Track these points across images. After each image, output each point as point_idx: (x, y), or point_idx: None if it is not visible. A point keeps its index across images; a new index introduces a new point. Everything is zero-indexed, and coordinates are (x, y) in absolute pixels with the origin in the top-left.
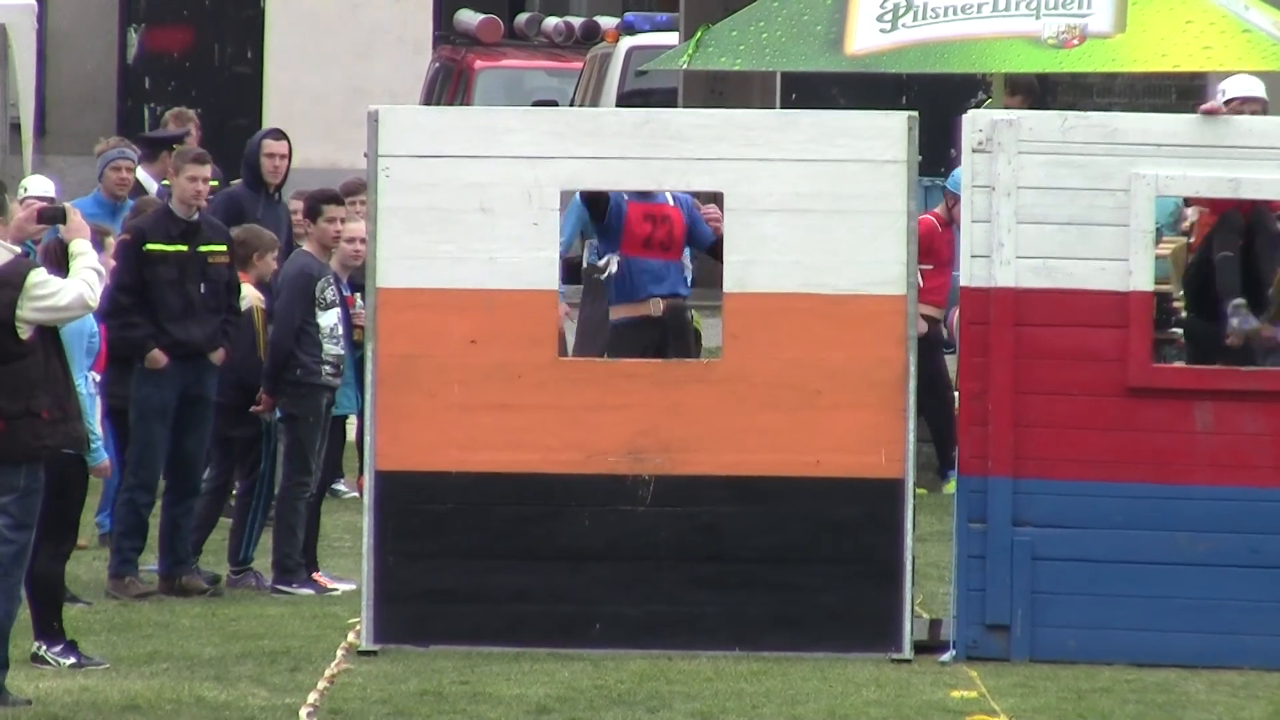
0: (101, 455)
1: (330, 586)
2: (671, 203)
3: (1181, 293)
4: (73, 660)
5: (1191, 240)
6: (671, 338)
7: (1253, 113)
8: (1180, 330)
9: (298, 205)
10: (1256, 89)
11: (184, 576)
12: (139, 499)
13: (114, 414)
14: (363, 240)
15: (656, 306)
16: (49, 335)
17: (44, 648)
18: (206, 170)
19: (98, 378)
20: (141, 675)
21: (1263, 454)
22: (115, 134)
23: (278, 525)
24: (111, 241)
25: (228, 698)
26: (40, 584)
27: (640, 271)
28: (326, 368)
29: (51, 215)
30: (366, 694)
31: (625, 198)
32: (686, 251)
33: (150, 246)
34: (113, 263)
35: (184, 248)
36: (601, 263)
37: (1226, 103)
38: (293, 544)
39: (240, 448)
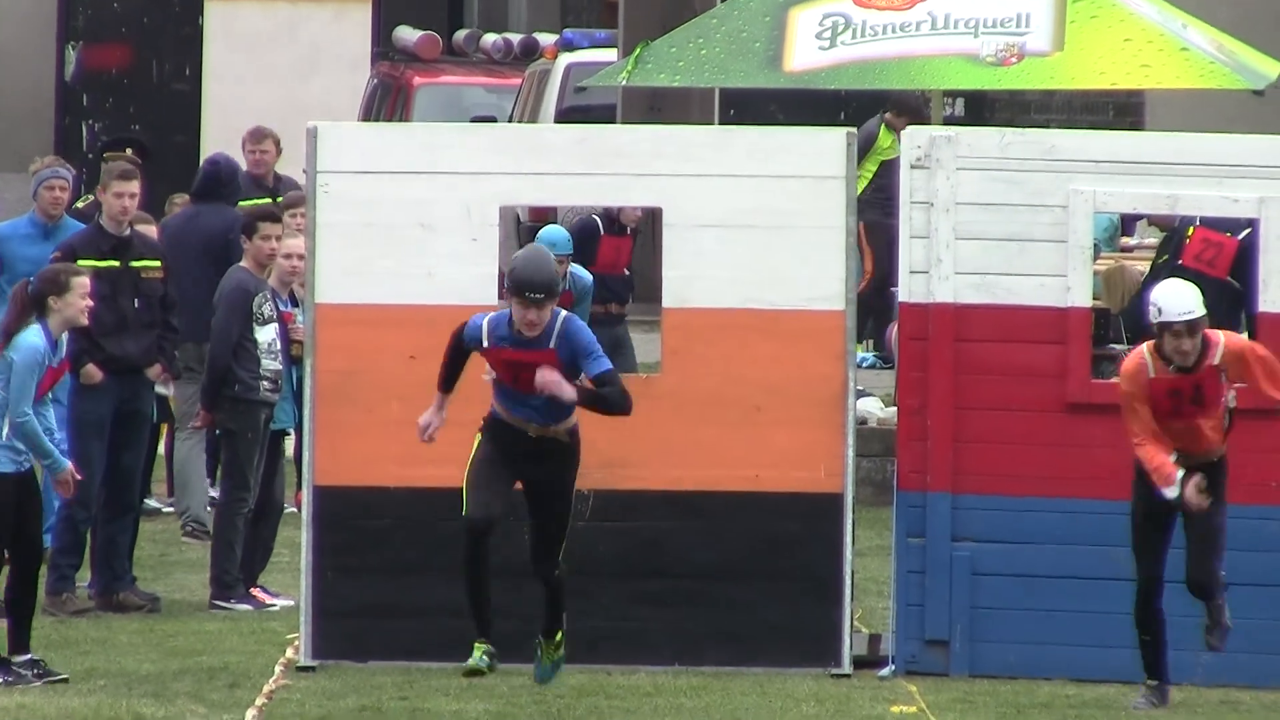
0: (63, 464)
1: (269, 602)
2: (551, 344)
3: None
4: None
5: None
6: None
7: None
8: (1119, 346)
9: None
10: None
11: (121, 593)
12: (76, 515)
13: None
14: (300, 256)
15: (533, 429)
16: None
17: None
18: (134, 186)
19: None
20: (79, 693)
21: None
22: (54, 152)
23: (215, 541)
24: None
25: (166, 714)
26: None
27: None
28: (265, 383)
29: None
30: (305, 710)
31: (485, 345)
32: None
33: (81, 262)
34: None
35: (116, 263)
36: (486, 376)
37: (1163, 324)
38: (231, 560)
39: None
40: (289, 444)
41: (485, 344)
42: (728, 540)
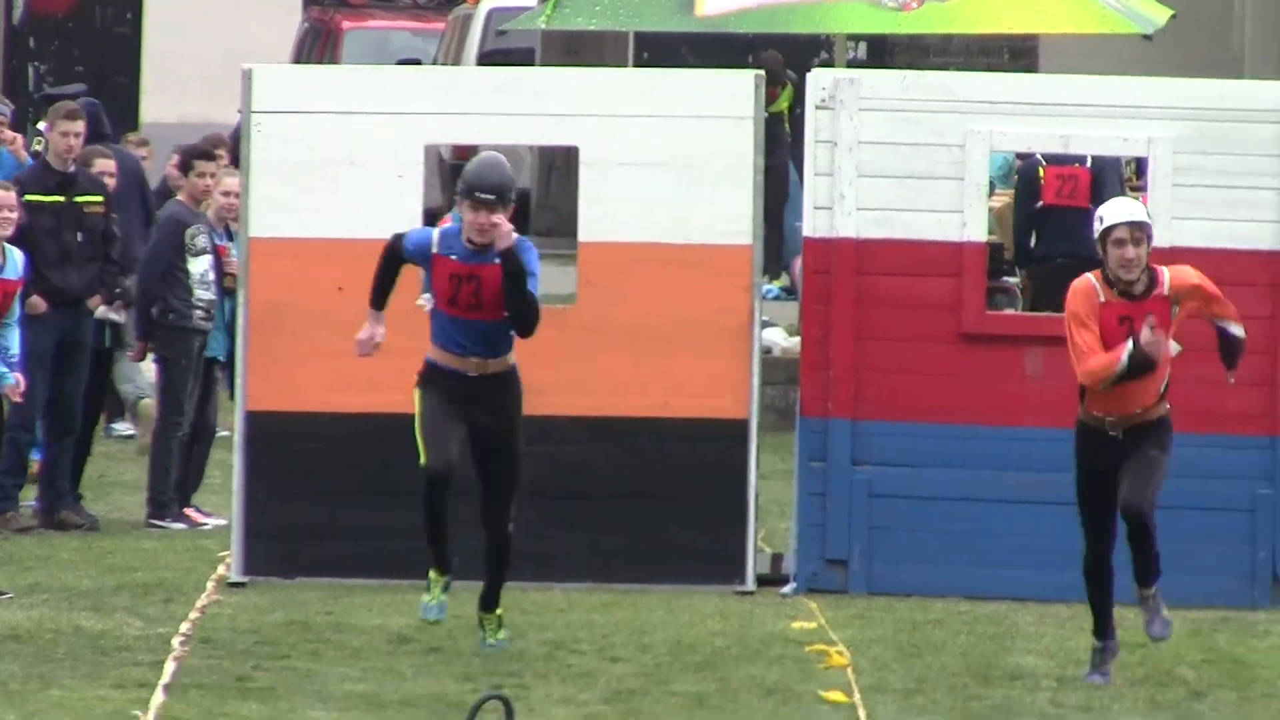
0: (7, 378)
1: (202, 521)
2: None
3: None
4: None
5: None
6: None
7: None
8: (1012, 279)
9: (175, 159)
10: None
11: (62, 512)
12: (20, 438)
13: None
14: (236, 193)
15: (473, 365)
16: None
17: None
18: (79, 125)
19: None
20: (22, 606)
21: None
22: (1, 92)
23: (152, 463)
24: None
25: (104, 627)
26: None
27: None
28: (198, 312)
29: None
30: (236, 624)
31: (434, 251)
32: None
33: (28, 197)
34: None
35: (60, 198)
36: (421, 300)
37: (1106, 231)
38: (166, 481)
39: None
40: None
41: (434, 249)
42: (638, 464)
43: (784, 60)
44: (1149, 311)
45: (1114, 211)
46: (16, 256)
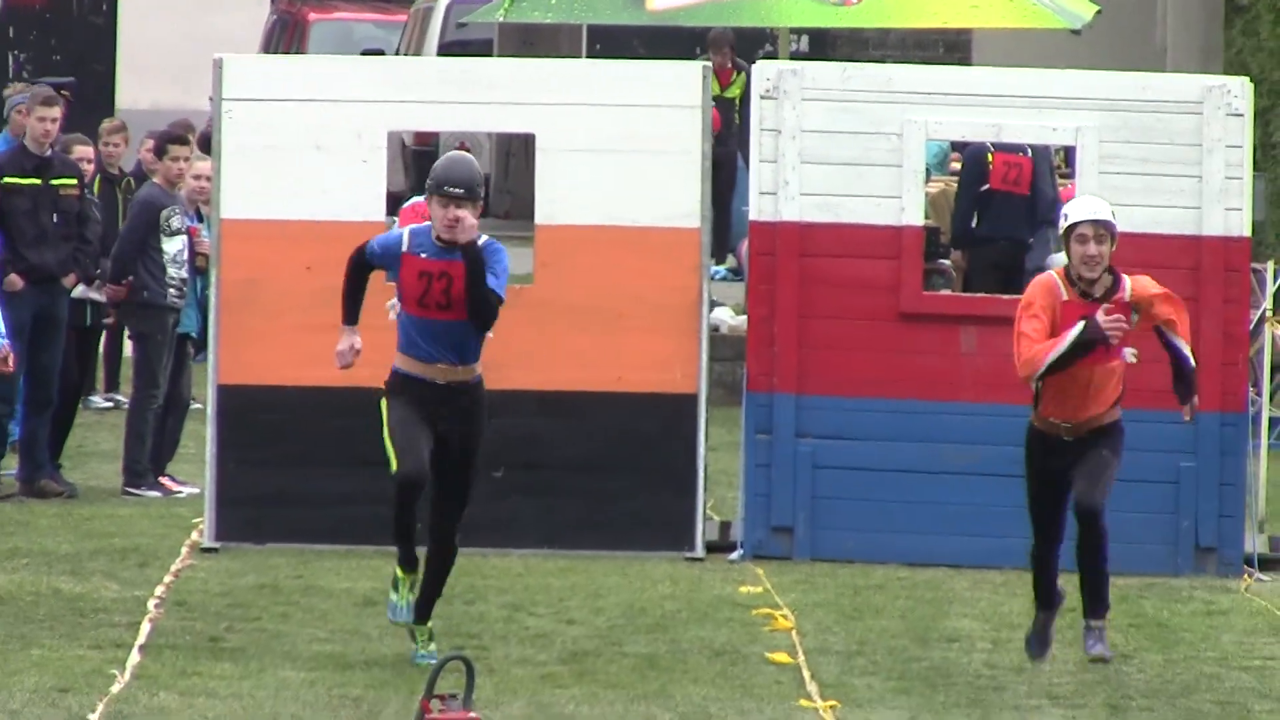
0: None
1: (176, 490)
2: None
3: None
4: None
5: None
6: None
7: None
8: (947, 261)
9: (149, 144)
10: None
11: (42, 480)
12: (0, 411)
13: None
14: (208, 177)
15: (440, 372)
16: None
17: None
18: (55, 111)
19: None
20: (3, 570)
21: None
22: None
23: (128, 433)
24: None
25: (82, 590)
26: None
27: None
28: (171, 290)
29: None
30: (209, 587)
31: (403, 249)
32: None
33: (6, 180)
34: None
35: (37, 181)
36: (389, 305)
37: (1070, 228)
38: (141, 450)
39: None
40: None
41: (403, 248)
42: (592, 436)
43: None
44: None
45: (1079, 209)
46: None
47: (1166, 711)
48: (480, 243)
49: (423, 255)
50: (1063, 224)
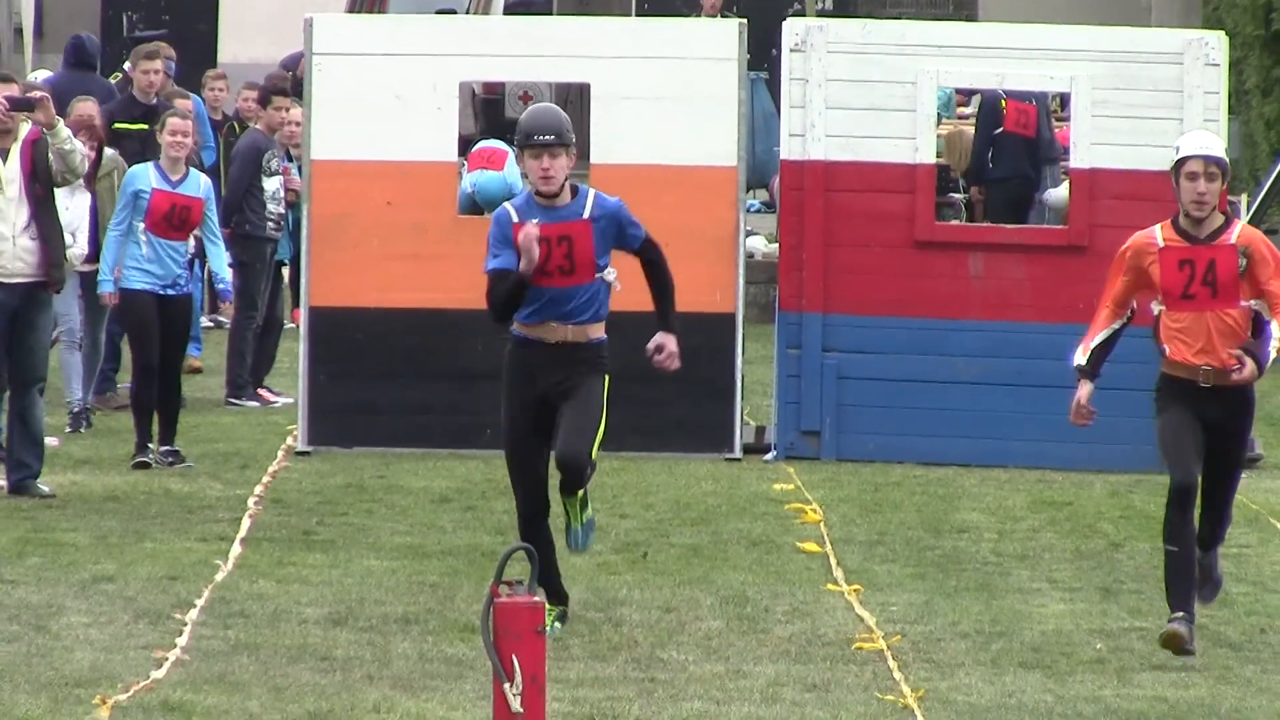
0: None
1: (272, 400)
2: (586, 215)
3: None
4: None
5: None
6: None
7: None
8: (957, 195)
9: (250, 94)
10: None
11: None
12: (116, 333)
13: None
14: (298, 123)
15: (551, 331)
16: None
17: None
18: (157, 64)
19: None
20: (119, 473)
21: (1023, 295)
22: (98, 35)
23: (230, 351)
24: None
25: (190, 490)
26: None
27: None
28: (269, 223)
29: (20, 104)
30: (302, 486)
31: (515, 220)
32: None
33: (117, 125)
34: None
35: (144, 126)
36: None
37: (1180, 162)
38: (242, 366)
39: None
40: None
41: (516, 220)
42: (642, 351)
43: (763, 11)
44: (1212, 258)
45: (1190, 143)
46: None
47: (1154, 594)
48: (592, 197)
49: (536, 221)
50: (1172, 157)
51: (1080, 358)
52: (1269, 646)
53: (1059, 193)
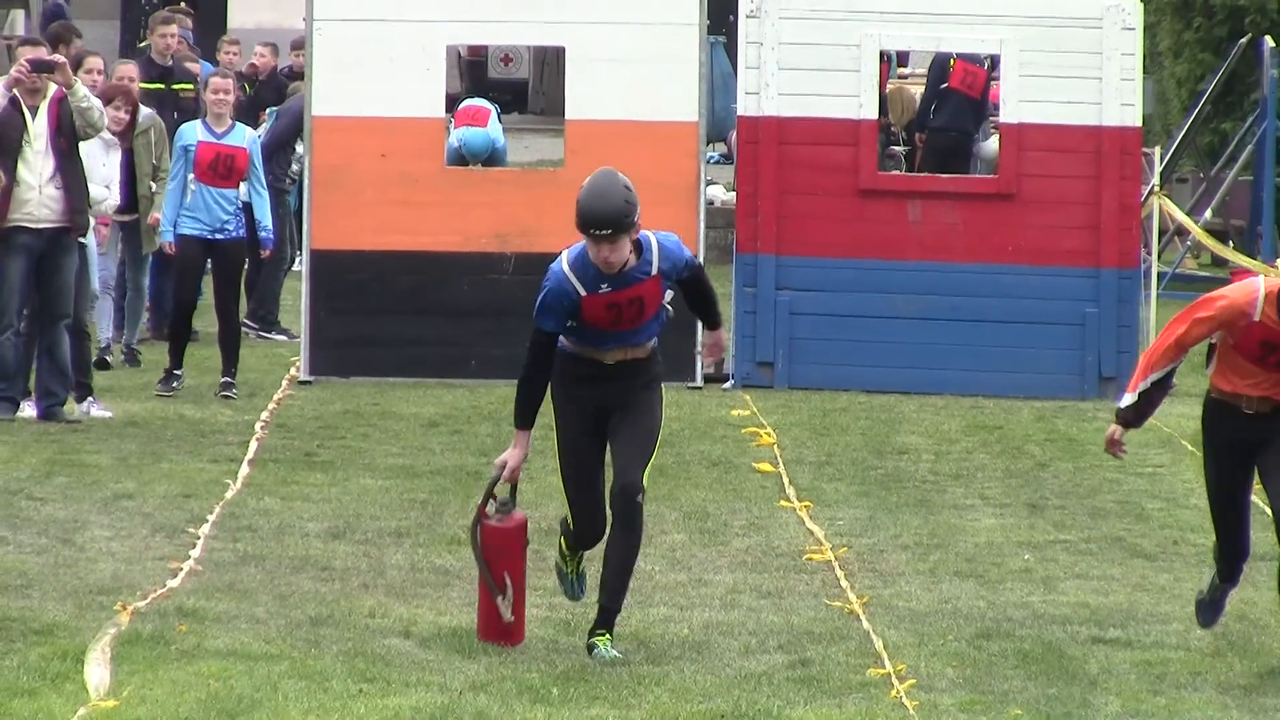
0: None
1: (276, 337)
2: (654, 270)
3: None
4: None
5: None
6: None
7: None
8: (897, 148)
9: (264, 51)
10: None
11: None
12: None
13: None
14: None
15: (607, 356)
16: None
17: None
18: (172, 29)
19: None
20: (138, 400)
21: (957, 238)
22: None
23: (261, 290)
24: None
25: (202, 415)
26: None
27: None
28: (288, 179)
29: (41, 66)
30: (304, 413)
31: (583, 295)
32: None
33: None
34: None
35: (161, 85)
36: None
37: None
38: (274, 303)
39: None
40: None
41: (582, 291)
42: None
43: None
44: None
45: None
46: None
47: (1077, 510)
48: (656, 248)
49: (603, 289)
50: None
51: (1129, 397)
52: (1180, 557)
53: (990, 145)
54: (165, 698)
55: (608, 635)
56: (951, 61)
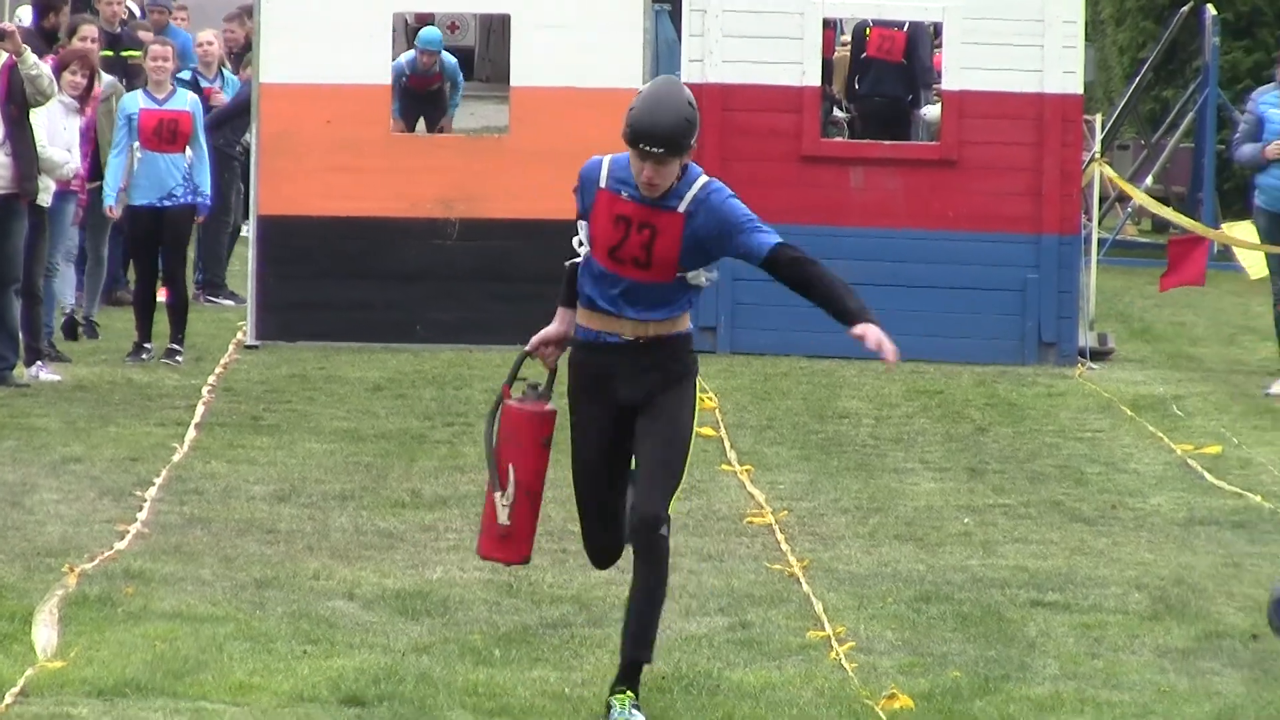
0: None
1: (224, 302)
2: (682, 206)
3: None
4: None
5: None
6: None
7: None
8: (840, 114)
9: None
10: None
11: (117, 292)
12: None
13: None
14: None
15: (623, 327)
16: None
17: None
18: None
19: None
20: (87, 364)
21: (899, 205)
22: None
23: (206, 254)
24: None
25: (150, 380)
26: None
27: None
28: (238, 147)
29: None
30: (250, 377)
31: (600, 185)
32: None
33: None
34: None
35: (110, 52)
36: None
37: None
38: (219, 267)
39: None
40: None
41: (601, 183)
42: (554, 254)
43: None
44: None
45: None
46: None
47: (1016, 474)
48: (699, 186)
49: (624, 195)
50: None
51: None
52: (1119, 521)
53: (933, 111)
54: (112, 659)
55: (628, 694)
56: (867, 30)
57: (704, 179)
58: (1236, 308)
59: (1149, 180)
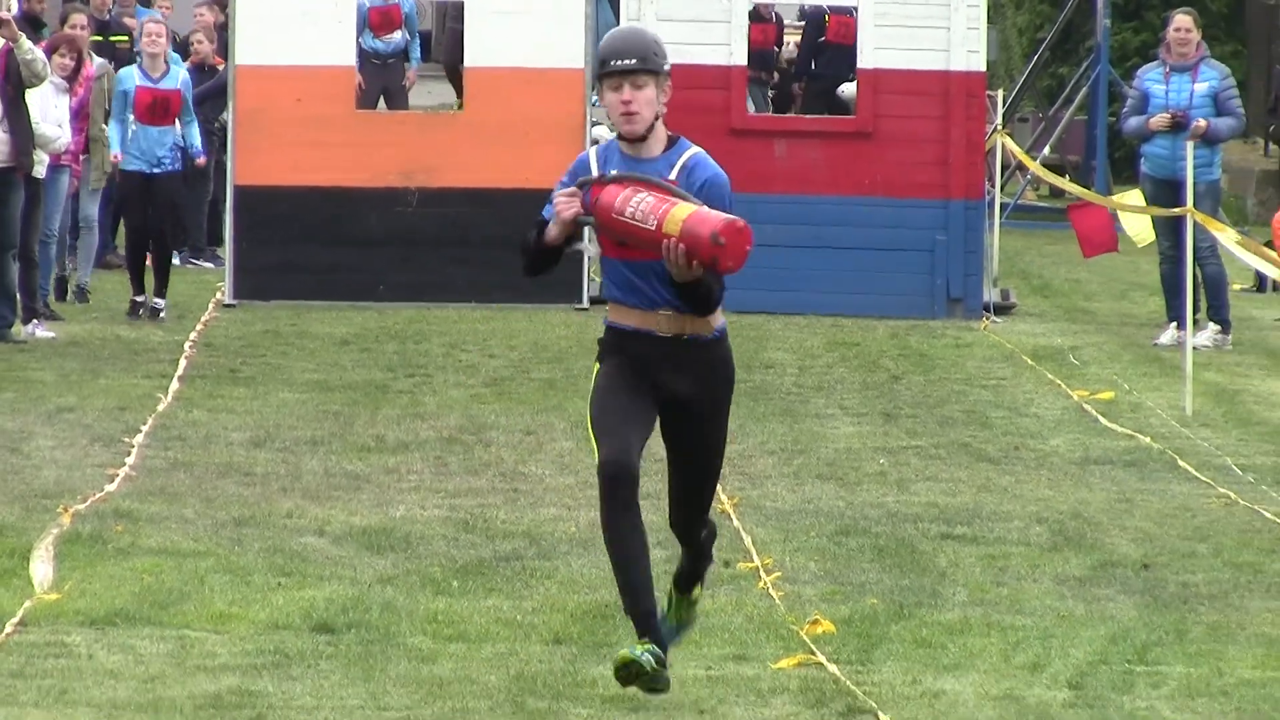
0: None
1: (204, 264)
2: (672, 173)
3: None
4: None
5: None
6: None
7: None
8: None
9: (202, 10)
10: None
11: (108, 255)
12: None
13: None
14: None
15: (658, 321)
16: None
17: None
18: None
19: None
20: (79, 322)
21: (819, 173)
22: None
23: (189, 220)
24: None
25: (136, 336)
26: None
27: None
28: (216, 124)
29: None
30: (229, 333)
31: (594, 174)
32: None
33: None
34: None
35: (99, 37)
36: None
37: None
38: (200, 233)
39: None
40: None
41: (593, 172)
42: (507, 222)
43: None
44: None
45: None
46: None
47: (927, 418)
48: (689, 155)
49: (614, 172)
50: None
51: None
52: (1021, 461)
53: (850, 88)
54: (103, 591)
55: (684, 602)
56: (825, 17)
57: (693, 150)
58: (1127, 266)
59: (1047, 150)
